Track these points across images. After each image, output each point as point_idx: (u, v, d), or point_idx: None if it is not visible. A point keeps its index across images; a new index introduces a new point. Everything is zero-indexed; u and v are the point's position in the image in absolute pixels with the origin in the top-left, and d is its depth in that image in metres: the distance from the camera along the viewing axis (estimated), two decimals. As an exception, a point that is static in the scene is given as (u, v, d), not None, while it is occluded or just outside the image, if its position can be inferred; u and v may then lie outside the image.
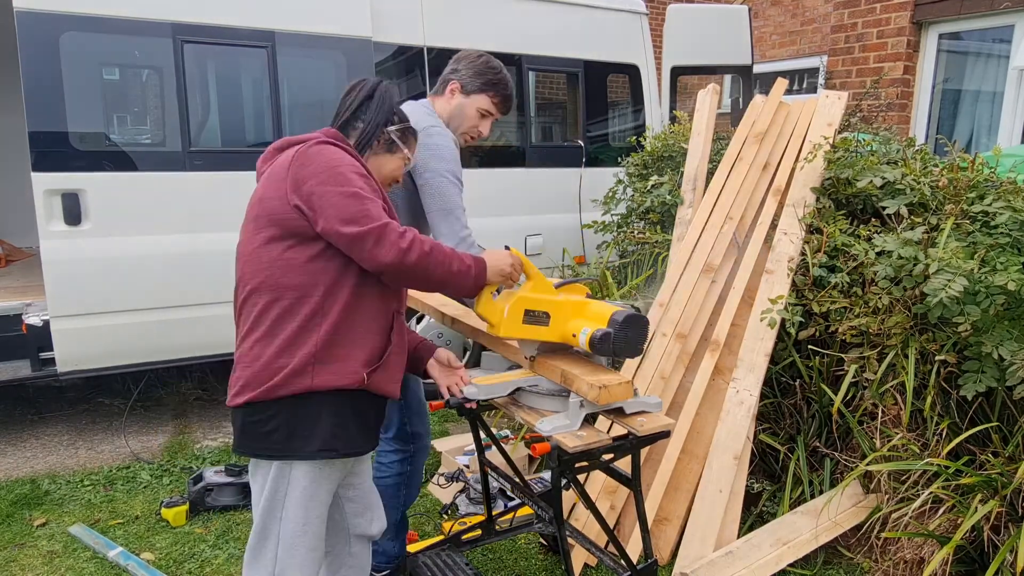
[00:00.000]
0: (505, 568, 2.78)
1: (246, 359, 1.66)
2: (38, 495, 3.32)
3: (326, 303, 1.63)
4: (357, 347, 1.67)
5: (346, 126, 1.81)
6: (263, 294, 1.64)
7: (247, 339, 1.67)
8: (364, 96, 1.82)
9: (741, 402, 2.91)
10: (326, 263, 1.64)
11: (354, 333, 1.67)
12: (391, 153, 1.85)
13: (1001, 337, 2.51)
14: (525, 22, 4.66)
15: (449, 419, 4.29)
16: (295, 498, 1.70)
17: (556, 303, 1.95)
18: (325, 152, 1.64)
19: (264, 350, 1.63)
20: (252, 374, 1.64)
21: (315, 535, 1.74)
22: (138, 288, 3.62)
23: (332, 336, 1.64)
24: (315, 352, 1.62)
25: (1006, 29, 5.13)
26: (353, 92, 1.84)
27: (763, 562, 2.54)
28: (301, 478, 1.69)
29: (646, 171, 4.26)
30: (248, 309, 1.67)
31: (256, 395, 1.62)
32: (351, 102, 1.82)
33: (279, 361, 1.62)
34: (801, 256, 3.16)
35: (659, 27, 7.17)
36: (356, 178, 1.63)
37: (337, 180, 1.60)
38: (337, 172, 1.61)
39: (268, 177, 1.69)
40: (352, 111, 1.81)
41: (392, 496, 2.44)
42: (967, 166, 3.00)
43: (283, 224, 1.63)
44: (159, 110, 3.69)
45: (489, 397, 2.06)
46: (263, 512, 1.72)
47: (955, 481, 2.51)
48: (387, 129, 1.82)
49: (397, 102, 1.88)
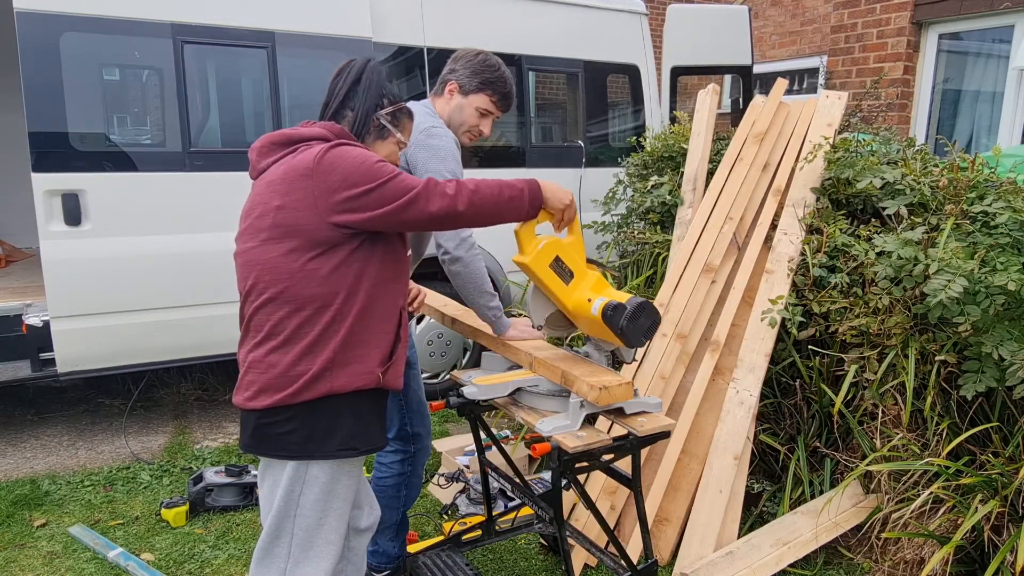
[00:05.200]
0: (505, 568, 2.78)
1: (260, 366, 1.65)
2: (38, 495, 3.32)
3: (344, 308, 1.64)
4: (372, 347, 1.69)
5: (337, 115, 1.78)
6: (283, 304, 1.63)
7: (261, 346, 1.65)
8: (351, 81, 1.77)
9: (741, 402, 2.91)
10: (347, 269, 1.64)
11: (369, 334, 1.68)
12: (383, 139, 1.81)
13: (1001, 337, 2.51)
14: (525, 22, 4.66)
15: (449, 419, 4.29)
16: (312, 496, 1.70)
17: (584, 269, 2.03)
18: (343, 156, 1.62)
19: (282, 358, 1.63)
20: (268, 380, 1.63)
21: (333, 529, 1.74)
22: (138, 288, 3.62)
23: (349, 339, 1.65)
24: (334, 356, 1.63)
25: (1006, 29, 5.13)
26: (341, 77, 1.79)
27: (763, 562, 2.54)
28: (320, 475, 1.69)
29: (646, 171, 4.26)
30: (263, 317, 1.65)
31: (274, 401, 1.62)
32: (339, 88, 1.78)
33: (297, 368, 1.62)
34: (801, 256, 3.16)
35: (659, 27, 7.17)
36: (382, 165, 1.63)
37: (368, 176, 1.60)
38: (364, 170, 1.61)
39: (281, 183, 1.64)
40: (340, 99, 1.77)
41: (392, 496, 2.44)
42: (967, 166, 3.00)
43: (309, 235, 1.61)
44: (159, 110, 3.68)
45: (489, 397, 2.07)
46: (278, 512, 1.71)
47: (955, 481, 2.51)
48: (377, 114, 1.78)
49: (386, 82, 1.82)
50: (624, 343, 1.90)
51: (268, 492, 1.75)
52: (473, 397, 2.06)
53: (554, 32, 4.77)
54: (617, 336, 1.89)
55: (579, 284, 2.00)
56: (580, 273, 2.01)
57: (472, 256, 2.17)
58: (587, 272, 2.03)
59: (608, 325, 1.87)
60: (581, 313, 1.97)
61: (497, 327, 2.24)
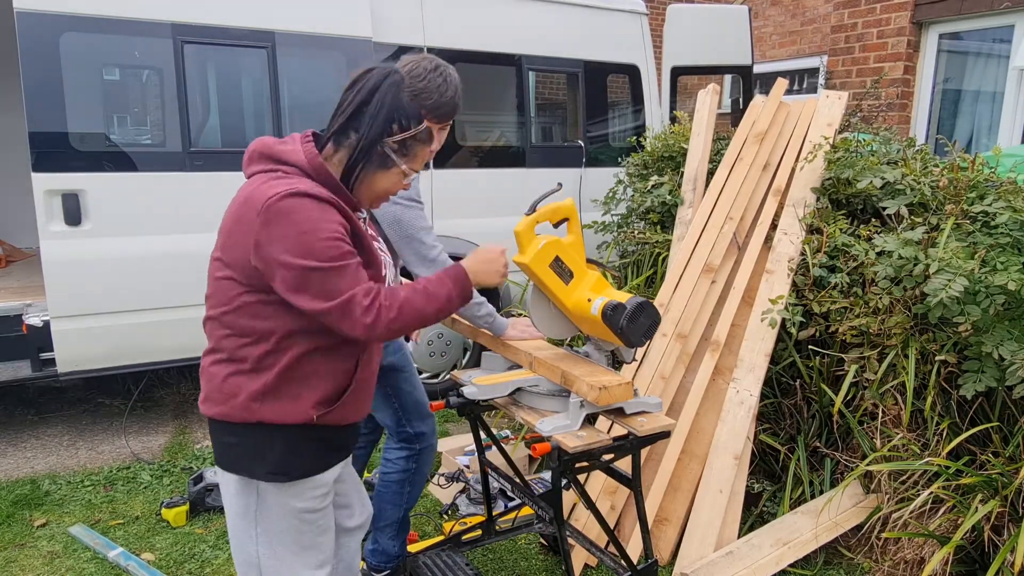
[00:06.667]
0: (505, 568, 2.78)
1: (205, 374, 1.63)
2: (38, 495, 3.32)
3: (281, 345, 1.55)
4: (311, 387, 1.58)
5: (340, 135, 1.59)
6: (220, 326, 1.58)
7: (208, 356, 1.63)
8: (360, 101, 1.57)
9: (741, 402, 2.91)
10: (283, 314, 1.54)
11: (307, 376, 1.58)
12: (385, 169, 1.60)
13: (1001, 337, 2.51)
14: (525, 22, 4.66)
15: (449, 419, 4.29)
16: (266, 510, 1.65)
17: (584, 269, 2.02)
18: (294, 212, 1.45)
19: (220, 371, 1.59)
20: (210, 390, 1.61)
21: (296, 543, 1.68)
22: (138, 288, 3.62)
23: (286, 373, 1.55)
24: (265, 388, 1.55)
25: (1006, 29, 5.13)
26: (353, 90, 1.59)
27: (763, 562, 2.54)
28: (267, 490, 1.64)
29: (646, 171, 4.26)
30: (209, 329, 1.62)
31: (214, 413, 1.60)
32: (347, 104, 1.58)
33: (232, 386, 1.57)
34: (801, 256, 3.16)
35: (659, 27, 7.17)
36: (325, 246, 1.46)
37: (302, 250, 1.44)
38: (302, 241, 1.44)
39: (239, 208, 1.53)
40: (347, 117, 1.57)
41: (396, 493, 2.44)
42: (967, 166, 3.00)
43: (243, 271, 1.52)
44: (159, 110, 3.68)
45: (489, 397, 2.07)
46: (236, 530, 1.68)
47: (955, 481, 2.51)
48: (383, 142, 1.57)
49: (402, 102, 1.60)
50: (624, 343, 1.90)
51: (226, 502, 1.72)
52: (473, 397, 2.06)
53: (554, 32, 4.77)
54: (617, 336, 1.89)
55: (579, 284, 2.00)
56: (580, 273, 2.01)
57: None
58: (587, 272, 2.03)
59: (608, 325, 1.87)
60: (581, 313, 1.97)
61: (494, 331, 2.24)
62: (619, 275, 3.91)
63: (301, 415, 1.58)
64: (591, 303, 1.92)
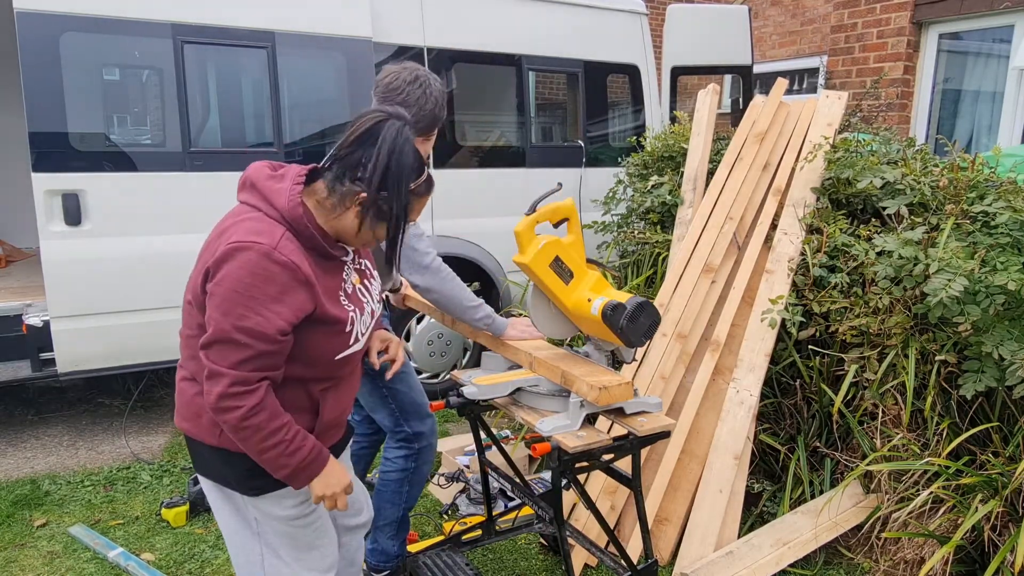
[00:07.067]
0: (505, 568, 2.78)
1: (178, 388, 1.65)
2: (38, 495, 3.32)
3: None
4: None
5: (337, 180, 1.51)
6: (186, 346, 1.60)
7: (179, 371, 1.65)
8: (382, 164, 1.48)
9: (741, 402, 2.91)
10: None
11: None
12: (386, 221, 1.54)
13: (1001, 337, 2.51)
14: (525, 22, 4.66)
15: (449, 419, 4.29)
16: (257, 515, 1.67)
17: (584, 269, 2.03)
18: (250, 265, 1.43)
19: (188, 389, 1.61)
20: (181, 405, 1.64)
21: (293, 547, 1.70)
22: (138, 288, 3.62)
23: None
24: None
25: (1006, 29, 5.13)
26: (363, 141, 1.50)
27: (763, 562, 2.54)
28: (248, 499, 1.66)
29: (646, 171, 4.26)
30: (181, 344, 1.63)
31: (185, 429, 1.64)
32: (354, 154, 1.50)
33: (197, 407, 1.59)
34: (801, 256, 3.16)
35: (659, 27, 7.17)
36: (244, 313, 1.42)
37: (225, 306, 1.43)
38: (230, 298, 1.42)
39: (215, 242, 1.52)
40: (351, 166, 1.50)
41: (395, 492, 2.44)
42: (967, 166, 3.00)
43: (199, 301, 1.51)
44: (159, 111, 3.68)
45: (489, 397, 2.07)
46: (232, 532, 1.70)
47: (955, 481, 2.51)
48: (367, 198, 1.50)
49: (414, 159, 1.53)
50: (624, 343, 1.90)
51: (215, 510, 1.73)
52: (473, 397, 2.06)
53: (554, 32, 4.77)
54: (617, 336, 1.89)
55: (579, 284, 2.00)
56: (580, 273, 2.01)
57: (442, 281, 2.16)
58: (587, 272, 2.03)
59: (608, 325, 1.88)
60: (581, 313, 1.97)
61: (494, 331, 2.24)
62: (619, 275, 3.91)
63: None
64: (591, 303, 1.92)
